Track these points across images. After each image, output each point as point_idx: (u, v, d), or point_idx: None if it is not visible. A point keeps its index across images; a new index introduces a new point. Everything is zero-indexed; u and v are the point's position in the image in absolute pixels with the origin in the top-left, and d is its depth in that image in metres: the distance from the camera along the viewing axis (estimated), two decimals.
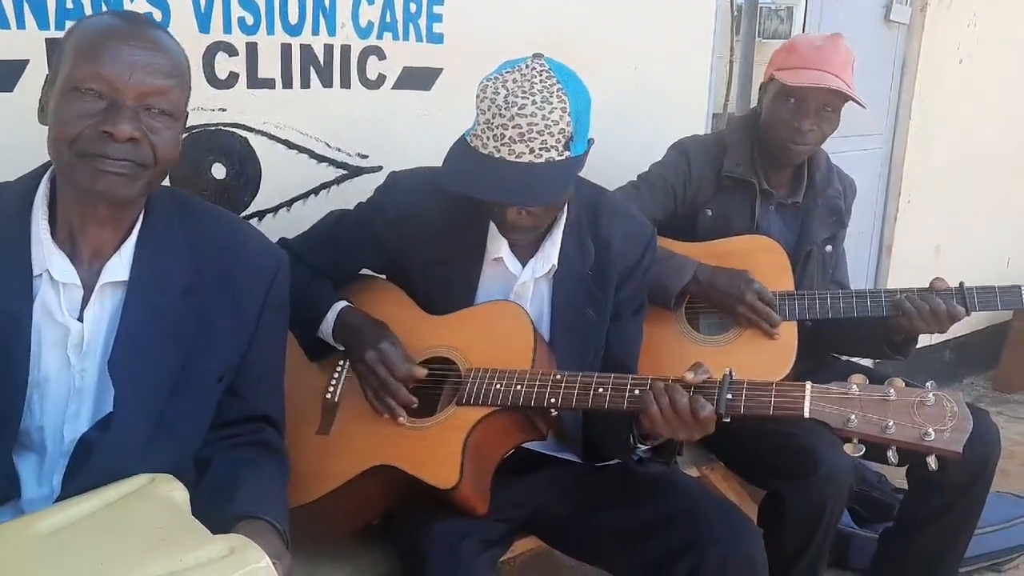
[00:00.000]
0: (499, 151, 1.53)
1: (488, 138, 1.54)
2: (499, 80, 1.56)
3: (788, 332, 2.15)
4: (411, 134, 2.23)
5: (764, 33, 3.43)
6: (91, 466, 1.30)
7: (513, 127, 1.52)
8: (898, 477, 2.68)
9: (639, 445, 1.66)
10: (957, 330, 3.91)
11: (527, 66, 1.57)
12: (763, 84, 2.32)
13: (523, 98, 1.52)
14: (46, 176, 1.35)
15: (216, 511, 1.27)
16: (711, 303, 2.19)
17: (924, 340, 2.30)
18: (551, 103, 1.53)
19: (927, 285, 2.16)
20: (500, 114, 1.52)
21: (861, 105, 2.21)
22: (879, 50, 3.51)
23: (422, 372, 1.66)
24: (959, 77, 3.77)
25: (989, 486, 2.26)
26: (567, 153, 1.56)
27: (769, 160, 2.29)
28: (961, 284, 2.15)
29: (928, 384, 1.42)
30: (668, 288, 2.11)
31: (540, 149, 1.53)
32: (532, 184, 1.54)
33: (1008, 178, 4.19)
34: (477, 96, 1.59)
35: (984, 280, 2.19)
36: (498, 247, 1.73)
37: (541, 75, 1.55)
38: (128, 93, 1.25)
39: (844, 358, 2.49)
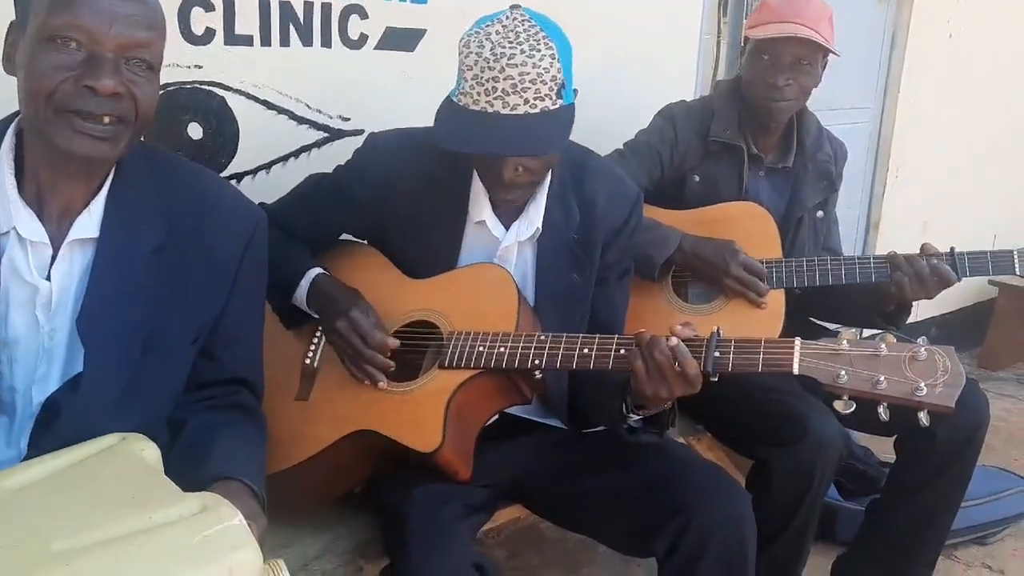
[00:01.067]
0: (492, 105, 1.48)
1: (479, 93, 1.49)
2: (481, 33, 1.51)
3: (775, 300, 2.13)
4: (394, 97, 2.19)
5: (749, 14, 3.41)
6: (59, 426, 1.26)
7: (505, 79, 1.47)
8: (884, 451, 2.68)
9: (631, 415, 1.62)
10: (943, 306, 3.91)
11: (507, 17, 1.53)
12: (742, 47, 2.29)
13: (510, 48, 1.47)
14: (11, 128, 1.30)
15: (190, 472, 1.23)
16: (696, 274, 2.17)
17: (910, 316, 2.27)
18: (539, 51, 1.48)
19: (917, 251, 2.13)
20: (489, 67, 1.47)
21: (835, 53, 2.17)
22: (868, 23, 3.48)
23: (394, 343, 1.62)
24: (949, 52, 3.74)
25: (978, 455, 2.23)
26: (560, 101, 1.52)
27: (755, 123, 2.26)
28: (952, 249, 2.13)
29: (920, 339, 1.40)
30: (653, 258, 2.08)
31: (535, 99, 1.49)
32: (531, 135, 1.49)
33: (997, 155, 4.17)
34: (460, 53, 1.54)
35: None
36: (481, 210, 1.68)
37: (523, 24, 1.51)
38: (108, 45, 1.19)
39: (833, 327, 2.47)
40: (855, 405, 1.38)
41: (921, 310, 2.20)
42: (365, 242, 1.83)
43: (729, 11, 3.07)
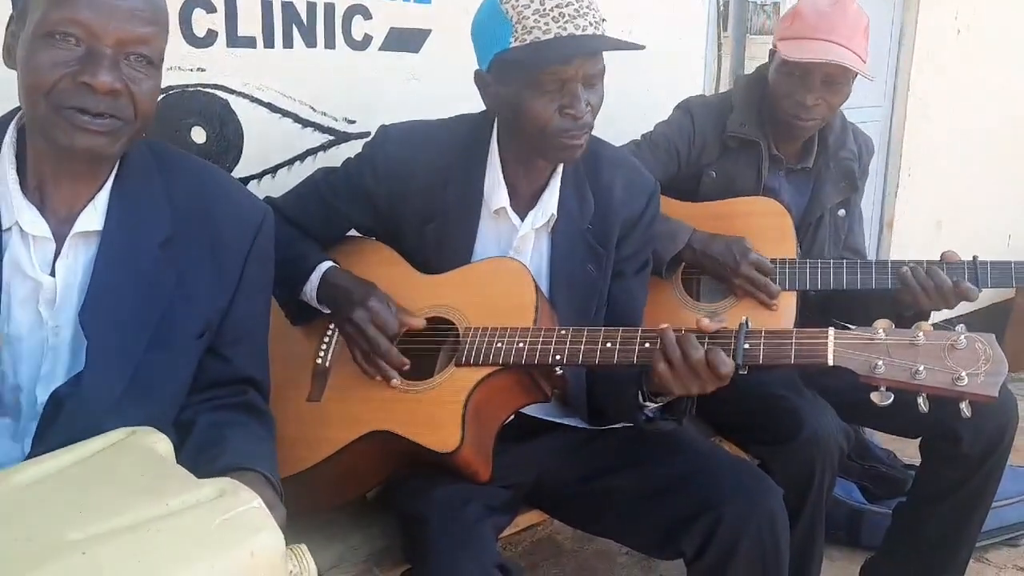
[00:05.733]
0: (565, 29, 1.47)
1: (547, 23, 1.47)
2: None
3: (787, 302, 2.06)
4: (400, 98, 2.15)
5: (751, 29, 3.38)
6: (61, 424, 1.23)
7: (567, 4, 1.47)
8: (907, 453, 2.61)
9: (648, 403, 1.57)
10: (960, 308, 3.84)
11: None
12: (770, 51, 2.20)
13: None
14: (13, 124, 1.28)
15: (202, 469, 1.18)
16: (705, 272, 2.11)
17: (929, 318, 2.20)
18: None
19: (938, 257, 2.04)
20: None
21: (868, 78, 2.10)
22: (876, 19, 3.42)
23: (420, 322, 1.58)
24: (958, 48, 3.71)
25: (1006, 458, 2.15)
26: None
27: (779, 129, 2.18)
28: (974, 258, 2.03)
29: (959, 327, 1.34)
30: (660, 254, 2.00)
31: (596, 23, 1.51)
32: (605, 43, 1.51)
33: (1009, 152, 4.13)
34: (504, 3, 1.50)
35: (986, 257, 2.08)
36: (499, 198, 1.64)
37: None
38: (107, 40, 1.17)
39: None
40: (893, 396, 1.32)
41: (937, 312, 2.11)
42: (372, 238, 1.79)
43: (731, 26, 3.05)
